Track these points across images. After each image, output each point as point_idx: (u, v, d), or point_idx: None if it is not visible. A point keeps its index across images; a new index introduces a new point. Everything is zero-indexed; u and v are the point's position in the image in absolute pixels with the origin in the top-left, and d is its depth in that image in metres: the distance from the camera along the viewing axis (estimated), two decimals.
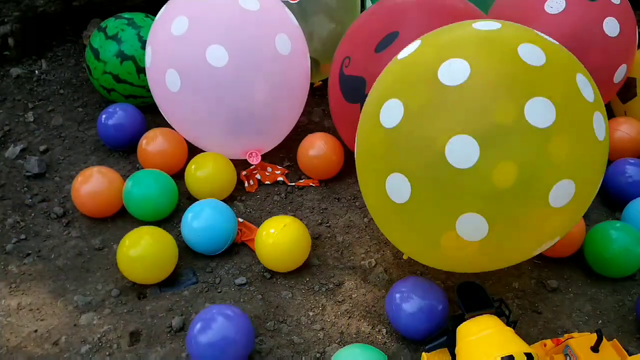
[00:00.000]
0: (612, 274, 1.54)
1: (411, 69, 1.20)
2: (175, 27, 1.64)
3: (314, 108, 2.21)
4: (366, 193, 1.32)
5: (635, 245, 1.51)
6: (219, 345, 1.27)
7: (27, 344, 1.39)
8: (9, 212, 1.76)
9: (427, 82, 1.12)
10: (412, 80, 1.17)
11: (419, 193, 1.13)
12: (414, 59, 1.21)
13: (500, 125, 1.05)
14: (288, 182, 1.89)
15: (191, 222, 1.58)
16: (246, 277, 1.56)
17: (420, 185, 1.12)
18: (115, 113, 1.95)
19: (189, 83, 1.65)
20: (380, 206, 1.26)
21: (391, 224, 1.29)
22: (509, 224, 1.11)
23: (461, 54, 1.12)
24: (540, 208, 1.09)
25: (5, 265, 1.59)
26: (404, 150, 1.14)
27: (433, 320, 1.33)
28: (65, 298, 1.51)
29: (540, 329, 1.44)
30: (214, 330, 1.28)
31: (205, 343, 1.27)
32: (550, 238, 1.21)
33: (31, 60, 2.36)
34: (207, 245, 1.59)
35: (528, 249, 1.21)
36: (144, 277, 1.50)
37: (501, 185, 1.06)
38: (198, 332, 1.29)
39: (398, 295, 1.37)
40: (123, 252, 1.48)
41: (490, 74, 1.09)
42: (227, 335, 1.28)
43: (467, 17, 1.60)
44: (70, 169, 1.92)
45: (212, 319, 1.30)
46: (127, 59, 2.02)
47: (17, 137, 2.04)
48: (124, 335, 1.41)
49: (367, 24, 1.68)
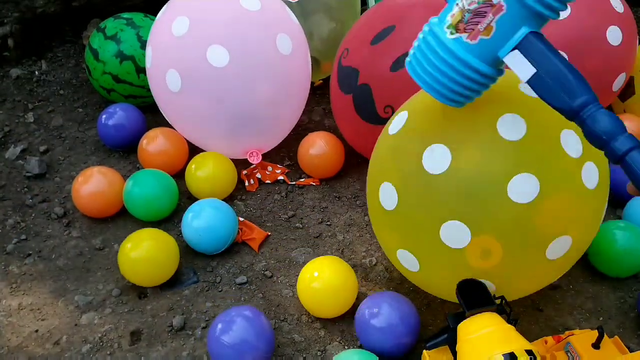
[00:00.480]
0: (616, 273, 1.54)
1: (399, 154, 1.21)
2: (176, 28, 1.64)
3: (314, 107, 2.21)
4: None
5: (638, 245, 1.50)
6: (240, 348, 1.26)
7: (28, 343, 1.39)
8: (9, 213, 1.76)
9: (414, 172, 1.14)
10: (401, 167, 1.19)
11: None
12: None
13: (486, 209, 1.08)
14: (289, 181, 1.89)
15: (191, 221, 1.58)
16: (247, 276, 1.56)
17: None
18: (115, 113, 1.95)
19: (190, 83, 1.65)
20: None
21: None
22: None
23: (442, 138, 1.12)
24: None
25: (6, 266, 1.60)
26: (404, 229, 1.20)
27: (400, 338, 1.31)
28: (66, 298, 1.51)
29: (542, 326, 1.44)
30: (237, 331, 1.27)
31: (230, 344, 1.26)
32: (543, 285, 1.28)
33: (31, 61, 2.37)
34: (208, 245, 1.59)
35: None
36: (145, 280, 1.50)
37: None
38: (221, 332, 1.27)
39: (367, 311, 1.34)
40: (125, 255, 1.47)
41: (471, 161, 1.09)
42: (248, 338, 1.27)
43: None
44: (71, 169, 1.92)
45: (237, 320, 1.29)
46: (127, 59, 2.02)
47: (17, 138, 2.04)
48: (124, 335, 1.41)
49: (369, 19, 1.70)
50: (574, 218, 1.13)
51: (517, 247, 1.11)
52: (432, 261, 1.20)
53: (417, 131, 1.18)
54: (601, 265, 1.54)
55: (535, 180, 1.06)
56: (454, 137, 1.11)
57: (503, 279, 1.18)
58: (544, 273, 1.23)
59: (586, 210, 1.15)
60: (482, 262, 1.13)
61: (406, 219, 1.18)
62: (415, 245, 1.21)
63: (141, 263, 1.47)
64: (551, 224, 1.10)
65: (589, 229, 1.20)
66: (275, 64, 1.69)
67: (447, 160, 1.09)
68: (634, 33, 1.82)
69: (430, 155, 1.11)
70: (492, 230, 1.10)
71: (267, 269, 1.59)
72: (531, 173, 1.06)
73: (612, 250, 1.50)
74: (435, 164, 1.10)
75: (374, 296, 1.39)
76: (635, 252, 1.50)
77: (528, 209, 1.06)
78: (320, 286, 1.40)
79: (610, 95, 1.89)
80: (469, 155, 1.09)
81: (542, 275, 1.24)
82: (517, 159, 1.07)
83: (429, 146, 1.11)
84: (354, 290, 1.43)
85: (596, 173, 1.14)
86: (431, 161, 1.11)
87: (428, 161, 1.11)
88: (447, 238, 1.11)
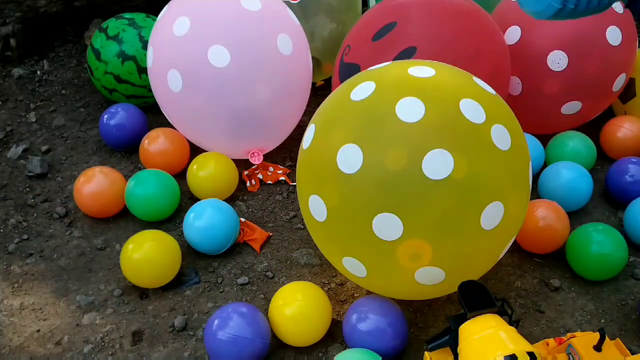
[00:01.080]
0: (591, 277, 1.53)
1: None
2: (177, 28, 1.64)
3: (316, 108, 2.20)
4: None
5: (615, 249, 1.49)
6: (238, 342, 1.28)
7: (30, 343, 1.39)
8: (11, 212, 1.76)
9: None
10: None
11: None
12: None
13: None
14: (290, 181, 1.89)
15: (193, 222, 1.58)
16: (248, 276, 1.57)
17: None
18: (117, 113, 1.95)
19: (191, 83, 1.65)
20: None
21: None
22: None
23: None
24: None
25: (8, 266, 1.60)
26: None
27: (388, 341, 1.31)
28: (68, 298, 1.51)
29: (543, 328, 1.44)
30: (233, 327, 1.29)
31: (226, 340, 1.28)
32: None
33: (33, 60, 2.37)
34: (209, 245, 1.59)
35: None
36: (147, 282, 1.50)
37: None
38: (217, 328, 1.29)
39: (355, 315, 1.34)
40: (127, 257, 1.47)
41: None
42: (244, 334, 1.28)
43: (468, 16, 1.61)
44: (72, 169, 1.93)
45: (232, 316, 1.31)
46: (129, 59, 2.03)
47: (19, 138, 2.04)
48: (126, 335, 1.41)
49: (370, 16, 1.71)
50: (497, 181, 1.14)
51: (451, 221, 1.11)
52: (375, 262, 1.21)
53: (326, 138, 1.21)
54: (578, 269, 1.54)
55: (447, 154, 1.08)
56: (361, 135, 1.14)
57: (445, 262, 1.17)
58: (482, 245, 1.20)
59: (503, 171, 1.15)
60: (419, 248, 1.14)
61: (338, 225, 1.19)
62: (355, 249, 1.21)
63: (143, 265, 1.47)
64: (476, 191, 1.11)
65: (517, 192, 1.20)
66: (276, 64, 1.69)
67: (360, 157, 1.11)
68: (633, 33, 1.82)
69: (343, 156, 1.13)
70: (422, 217, 1.11)
71: (269, 269, 1.59)
72: (442, 148, 1.08)
73: (587, 253, 1.50)
74: (350, 163, 1.12)
75: (360, 301, 1.38)
76: (609, 257, 1.49)
77: (449, 182, 1.08)
78: (292, 314, 1.33)
79: (611, 95, 1.89)
80: (378, 147, 1.11)
81: (483, 249, 1.22)
82: (423, 138, 1.10)
83: (341, 148, 1.14)
84: (326, 318, 1.37)
85: (506, 134, 1.15)
86: (345, 162, 1.13)
87: (342, 163, 1.13)
88: (381, 231, 1.12)
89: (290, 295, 1.36)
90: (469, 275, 1.19)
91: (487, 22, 1.64)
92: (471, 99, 1.14)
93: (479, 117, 1.13)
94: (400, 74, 1.21)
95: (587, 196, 1.73)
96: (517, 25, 1.79)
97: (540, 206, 1.57)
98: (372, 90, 1.17)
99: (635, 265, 1.59)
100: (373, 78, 1.21)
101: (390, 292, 1.36)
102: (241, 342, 1.27)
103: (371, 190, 1.11)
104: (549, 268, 1.59)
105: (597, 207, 1.79)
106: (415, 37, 1.55)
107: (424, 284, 1.21)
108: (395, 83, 1.19)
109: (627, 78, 1.86)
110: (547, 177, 1.75)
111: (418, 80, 1.17)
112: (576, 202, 1.71)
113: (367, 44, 1.62)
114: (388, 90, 1.17)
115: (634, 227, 1.63)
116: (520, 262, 1.60)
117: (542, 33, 1.76)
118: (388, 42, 1.58)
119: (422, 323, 1.44)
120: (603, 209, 1.79)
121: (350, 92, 1.21)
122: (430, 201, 1.09)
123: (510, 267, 1.59)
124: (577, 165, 1.73)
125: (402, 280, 1.22)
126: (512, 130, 1.17)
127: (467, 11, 1.62)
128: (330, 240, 1.28)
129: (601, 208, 1.79)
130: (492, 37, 1.64)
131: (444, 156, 1.08)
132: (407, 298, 1.41)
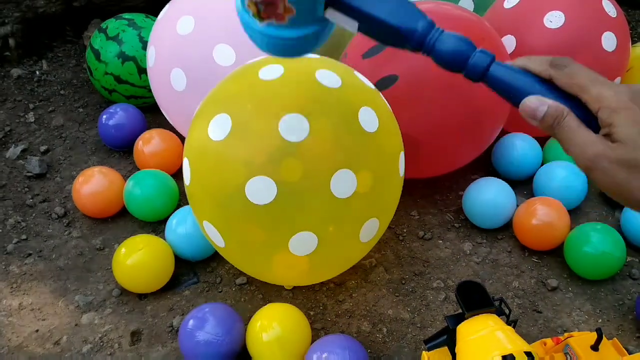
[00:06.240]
0: (589, 276, 1.54)
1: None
2: (181, 27, 1.64)
3: None
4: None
5: (613, 249, 1.50)
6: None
7: (29, 343, 1.40)
8: (10, 213, 1.76)
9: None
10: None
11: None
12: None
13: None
14: None
15: (175, 228, 1.56)
16: (247, 276, 1.57)
17: None
18: (116, 113, 1.95)
19: (195, 82, 1.64)
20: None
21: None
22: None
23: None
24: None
25: (7, 266, 1.60)
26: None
27: None
28: (67, 298, 1.51)
29: (540, 327, 1.44)
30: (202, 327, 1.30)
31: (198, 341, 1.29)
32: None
33: (32, 60, 2.37)
34: (194, 252, 1.58)
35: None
36: (140, 288, 1.50)
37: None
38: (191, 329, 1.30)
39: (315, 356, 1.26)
40: (119, 263, 1.47)
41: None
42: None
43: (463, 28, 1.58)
44: (71, 169, 1.93)
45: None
46: (129, 60, 2.03)
47: (17, 138, 2.05)
48: (125, 335, 1.41)
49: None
50: (362, 159, 1.16)
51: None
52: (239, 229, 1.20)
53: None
54: (576, 267, 1.55)
55: (303, 118, 1.11)
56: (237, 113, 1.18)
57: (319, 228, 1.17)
58: (358, 208, 1.20)
59: (373, 150, 1.18)
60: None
61: (203, 188, 1.22)
62: (218, 215, 1.22)
63: (135, 274, 1.46)
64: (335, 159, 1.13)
65: (386, 168, 1.22)
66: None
67: (228, 124, 1.15)
68: (627, 37, 1.82)
69: (214, 124, 1.18)
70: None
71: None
72: (297, 113, 1.11)
73: (585, 252, 1.51)
74: (218, 130, 1.17)
75: (323, 340, 1.30)
76: (608, 255, 1.50)
77: (302, 145, 1.10)
78: (269, 339, 1.29)
79: None
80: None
81: (358, 211, 1.21)
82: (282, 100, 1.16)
83: (213, 118, 1.19)
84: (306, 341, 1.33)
85: (373, 115, 1.18)
86: (214, 130, 1.17)
87: (212, 131, 1.18)
88: (253, 195, 1.12)
89: (267, 323, 1.31)
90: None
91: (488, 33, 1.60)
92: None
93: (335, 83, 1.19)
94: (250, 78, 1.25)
95: (582, 194, 1.73)
96: (511, 35, 1.78)
97: (540, 202, 1.58)
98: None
99: (632, 265, 1.60)
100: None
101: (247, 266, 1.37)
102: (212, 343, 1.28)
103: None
104: (546, 268, 1.60)
105: (594, 207, 1.79)
106: (398, 66, 1.51)
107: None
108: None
109: (621, 82, 1.87)
110: (541, 176, 1.75)
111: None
112: (571, 201, 1.71)
113: (358, 59, 1.59)
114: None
115: (631, 228, 1.64)
116: (517, 262, 1.61)
117: (537, 43, 1.74)
118: (375, 62, 1.53)
119: (419, 323, 1.45)
120: (600, 209, 1.79)
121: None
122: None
123: (507, 267, 1.60)
124: (570, 164, 1.74)
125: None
126: (378, 112, 1.21)
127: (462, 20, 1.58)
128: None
129: (598, 208, 1.79)
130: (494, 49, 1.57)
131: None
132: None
